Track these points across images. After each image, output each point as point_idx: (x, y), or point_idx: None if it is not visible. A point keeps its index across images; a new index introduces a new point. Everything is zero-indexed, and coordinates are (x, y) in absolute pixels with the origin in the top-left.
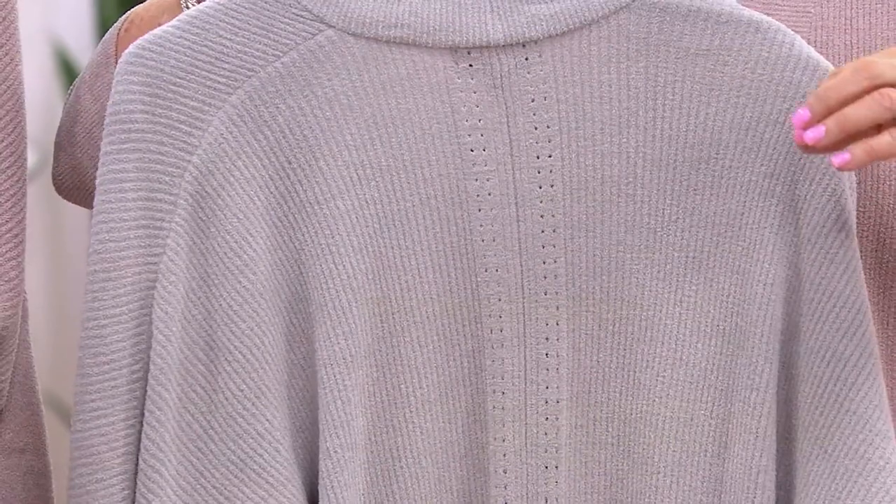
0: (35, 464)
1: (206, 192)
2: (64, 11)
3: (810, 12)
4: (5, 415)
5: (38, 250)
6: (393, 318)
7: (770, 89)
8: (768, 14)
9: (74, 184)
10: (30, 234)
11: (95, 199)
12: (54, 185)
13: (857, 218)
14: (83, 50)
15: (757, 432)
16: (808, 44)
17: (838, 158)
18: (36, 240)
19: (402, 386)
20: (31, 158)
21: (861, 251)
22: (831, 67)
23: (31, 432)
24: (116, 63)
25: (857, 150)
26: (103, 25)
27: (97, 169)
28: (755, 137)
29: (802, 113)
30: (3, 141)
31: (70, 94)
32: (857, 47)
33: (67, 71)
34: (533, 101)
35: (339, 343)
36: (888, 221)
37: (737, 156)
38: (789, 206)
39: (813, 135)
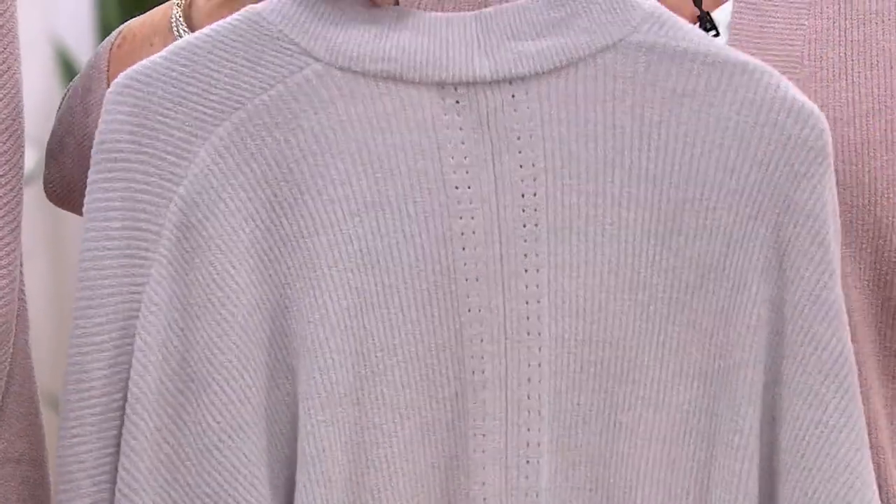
0: (31, 474)
1: (190, 223)
2: (65, 13)
3: (804, 25)
4: (0, 424)
5: (39, 253)
6: (375, 356)
7: (755, 131)
8: (762, 28)
9: (64, 192)
10: (30, 237)
11: (82, 227)
12: (45, 191)
13: (857, 232)
14: (84, 51)
15: (740, 475)
16: (802, 57)
17: None
18: (37, 242)
19: (384, 425)
20: (33, 159)
21: (860, 265)
22: (817, 110)
23: (28, 442)
24: (108, 78)
25: None
26: (104, 26)
27: (86, 179)
28: (739, 179)
29: None
30: None
31: (62, 102)
32: (852, 59)
33: (69, 72)
34: (519, 138)
35: (316, 378)
36: (886, 234)
37: (721, 197)
38: (773, 249)
39: None
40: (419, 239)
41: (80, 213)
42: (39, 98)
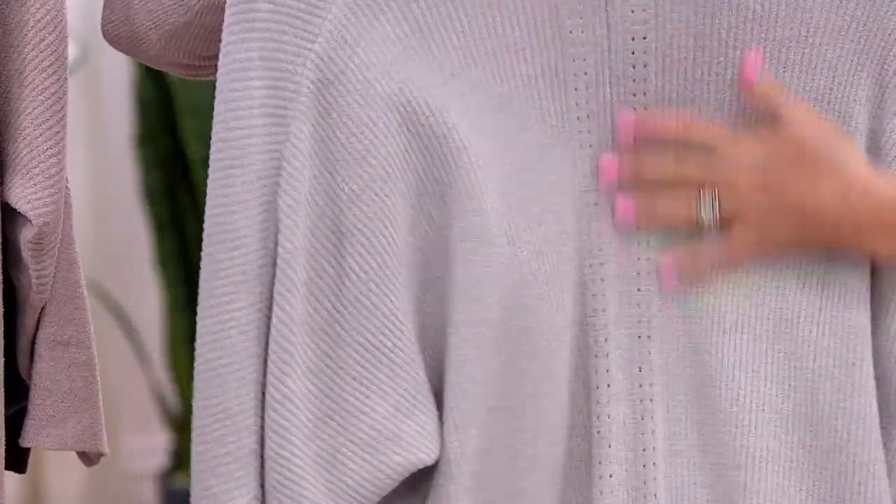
0: (79, 356)
1: (327, 78)
2: None
3: None
4: (49, 308)
5: (78, 144)
6: (516, 197)
7: None
8: None
9: (126, 33)
10: (71, 127)
11: (219, 88)
12: (102, 30)
13: None
14: None
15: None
16: None
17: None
18: (76, 134)
19: (532, 262)
20: (72, 53)
21: None
22: None
23: (75, 325)
24: None
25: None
26: None
27: (152, 21)
28: (845, 16)
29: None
30: (44, 39)
31: None
32: None
33: None
34: None
35: (471, 220)
36: None
37: (826, 34)
38: (876, 81)
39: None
40: (535, 81)
41: (134, 55)
42: None
